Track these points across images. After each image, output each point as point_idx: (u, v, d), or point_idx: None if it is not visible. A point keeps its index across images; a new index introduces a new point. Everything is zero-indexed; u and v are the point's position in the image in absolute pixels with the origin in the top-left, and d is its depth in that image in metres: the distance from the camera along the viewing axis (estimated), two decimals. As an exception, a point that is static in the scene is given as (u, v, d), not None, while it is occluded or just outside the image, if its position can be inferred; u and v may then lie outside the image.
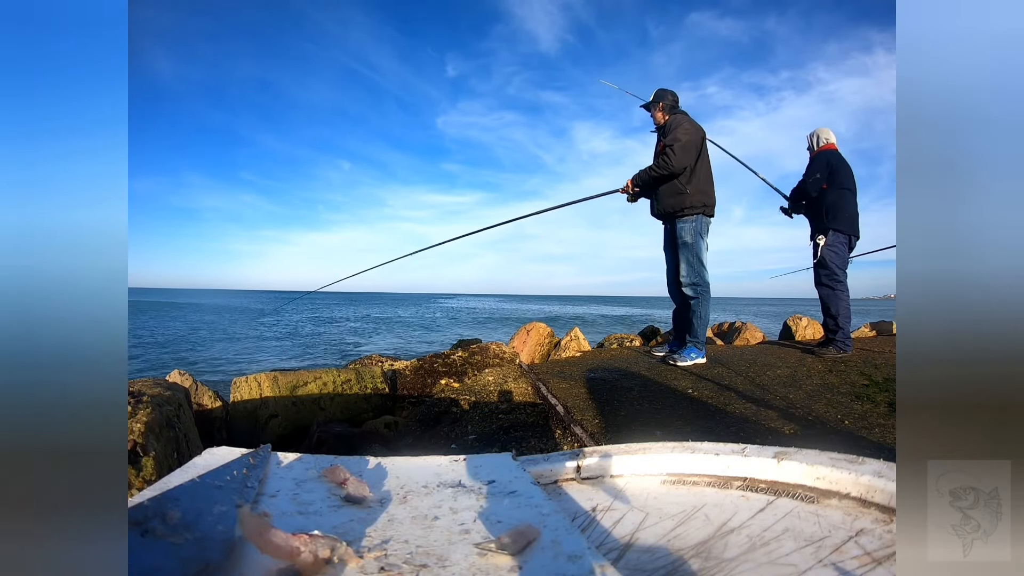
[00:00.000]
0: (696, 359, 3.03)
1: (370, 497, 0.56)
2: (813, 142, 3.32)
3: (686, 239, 3.00)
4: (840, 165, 3.15)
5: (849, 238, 3.17)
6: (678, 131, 2.92)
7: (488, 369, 3.01)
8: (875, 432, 1.80)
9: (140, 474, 1.25)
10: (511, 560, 0.41)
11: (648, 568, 0.48)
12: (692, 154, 2.93)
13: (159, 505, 0.38)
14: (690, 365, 2.99)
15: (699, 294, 3.03)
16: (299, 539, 0.39)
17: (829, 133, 3.28)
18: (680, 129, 2.92)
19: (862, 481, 0.54)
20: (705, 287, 3.04)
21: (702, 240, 3.03)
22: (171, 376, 2.66)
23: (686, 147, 2.90)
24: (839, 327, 3.15)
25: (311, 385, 2.68)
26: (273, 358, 10.44)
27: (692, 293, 3.04)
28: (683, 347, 3.12)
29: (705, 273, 3.04)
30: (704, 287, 3.04)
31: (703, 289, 3.03)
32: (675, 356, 3.09)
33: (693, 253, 3.00)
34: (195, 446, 1.71)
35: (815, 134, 3.32)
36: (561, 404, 2.25)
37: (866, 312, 16.86)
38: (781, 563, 0.46)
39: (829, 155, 3.19)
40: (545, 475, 0.71)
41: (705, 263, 3.04)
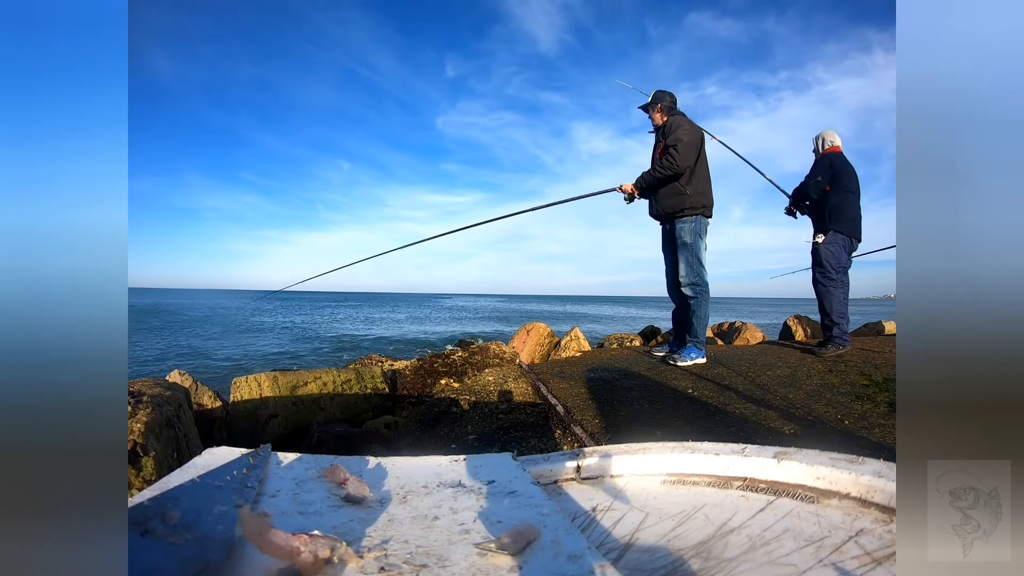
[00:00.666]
0: (696, 359, 3.03)
1: (370, 497, 0.56)
2: (819, 145, 3.34)
3: (685, 239, 3.01)
4: (844, 168, 3.17)
5: (850, 240, 3.18)
6: (679, 131, 2.92)
7: (488, 369, 3.01)
8: (875, 432, 1.80)
9: (140, 474, 1.25)
10: (511, 560, 0.41)
11: (648, 568, 0.48)
12: (693, 154, 2.94)
13: (159, 505, 0.38)
14: (690, 365, 2.99)
15: (698, 294, 3.04)
16: (299, 539, 0.39)
17: (835, 136, 3.30)
18: (681, 129, 2.93)
19: (862, 481, 0.54)
20: (704, 287, 3.04)
21: (701, 240, 3.03)
22: (171, 376, 2.66)
23: (688, 147, 2.91)
24: (834, 323, 3.17)
25: (311, 385, 2.68)
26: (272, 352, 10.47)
27: (691, 293, 3.04)
28: (683, 347, 3.13)
29: (704, 273, 3.04)
30: (703, 287, 3.04)
31: (702, 289, 3.04)
32: (675, 356, 3.09)
33: (692, 253, 3.01)
34: (195, 446, 1.71)
35: (820, 137, 3.34)
36: (561, 404, 2.25)
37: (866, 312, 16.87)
38: (781, 563, 0.46)
39: (833, 158, 3.21)
40: (545, 475, 0.71)
41: (704, 263, 3.05)
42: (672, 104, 3.09)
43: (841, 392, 2.33)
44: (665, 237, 3.23)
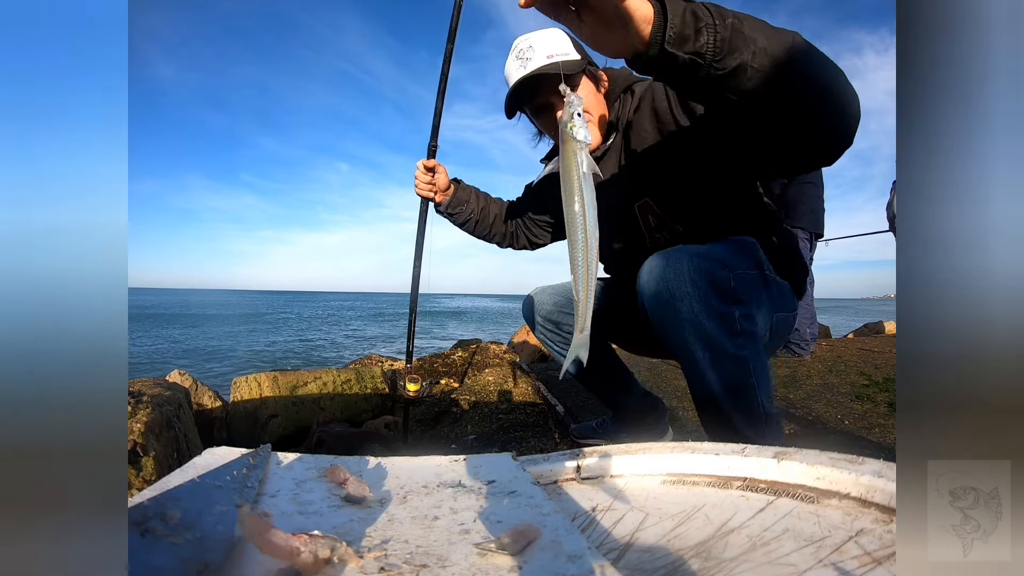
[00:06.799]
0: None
1: (370, 497, 0.56)
2: None
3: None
4: None
5: (811, 235, 2.93)
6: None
7: (488, 369, 3.01)
8: (875, 432, 1.80)
9: (140, 474, 1.25)
10: (511, 560, 0.41)
11: (648, 568, 0.48)
12: None
13: (159, 505, 0.38)
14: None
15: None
16: (299, 539, 0.39)
17: None
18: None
19: (862, 481, 0.54)
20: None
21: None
22: (171, 376, 2.65)
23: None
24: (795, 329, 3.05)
25: (311, 385, 2.68)
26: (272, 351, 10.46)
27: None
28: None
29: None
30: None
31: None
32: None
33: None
34: (195, 446, 1.71)
35: None
36: (561, 404, 2.25)
37: (866, 312, 16.87)
38: (781, 563, 0.46)
39: None
40: (545, 475, 0.71)
41: None
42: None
43: (841, 392, 2.33)
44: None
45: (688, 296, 0.93)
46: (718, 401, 0.98)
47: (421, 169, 1.44)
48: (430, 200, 1.48)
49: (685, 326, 0.94)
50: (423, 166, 1.44)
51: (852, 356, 3.05)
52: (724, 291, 0.94)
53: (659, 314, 0.98)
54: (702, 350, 0.95)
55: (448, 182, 1.49)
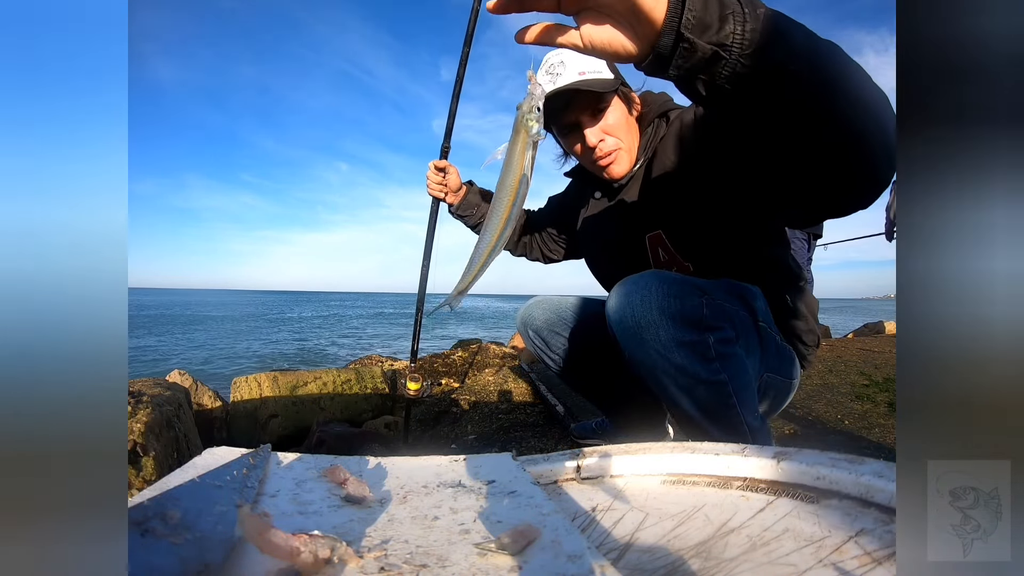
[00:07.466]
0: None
1: (370, 497, 0.56)
2: None
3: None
4: None
5: (809, 237, 2.87)
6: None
7: (488, 369, 3.01)
8: (875, 432, 1.80)
9: (140, 474, 1.25)
10: (511, 560, 0.41)
11: (648, 568, 0.48)
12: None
13: (159, 505, 0.38)
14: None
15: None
16: (299, 539, 0.39)
17: None
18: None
19: (862, 481, 0.54)
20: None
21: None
22: (171, 376, 2.65)
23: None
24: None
25: (311, 385, 2.68)
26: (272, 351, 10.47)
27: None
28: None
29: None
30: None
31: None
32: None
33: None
34: (195, 446, 1.70)
35: None
36: (561, 404, 2.25)
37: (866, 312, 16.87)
38: (781, 563, 0.46)
39: None
40: (545, 475, 0.71)
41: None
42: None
43: (841, 392, 2.33)
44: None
45: (654, 325, 0.86)
46: (698, 424, 0.94)
47: (432, 169, 1.45)
48: (441, 200, 1.48)
49: (653, 356, 0.88)
50: (434, 166, 1.45)
51: (852, 356, 3.05)
52: (693, 319, 0.86)
53: (626, 344, 0.92)
54: (673, 382, 0.89)
55: (460, 183, 1.49)
